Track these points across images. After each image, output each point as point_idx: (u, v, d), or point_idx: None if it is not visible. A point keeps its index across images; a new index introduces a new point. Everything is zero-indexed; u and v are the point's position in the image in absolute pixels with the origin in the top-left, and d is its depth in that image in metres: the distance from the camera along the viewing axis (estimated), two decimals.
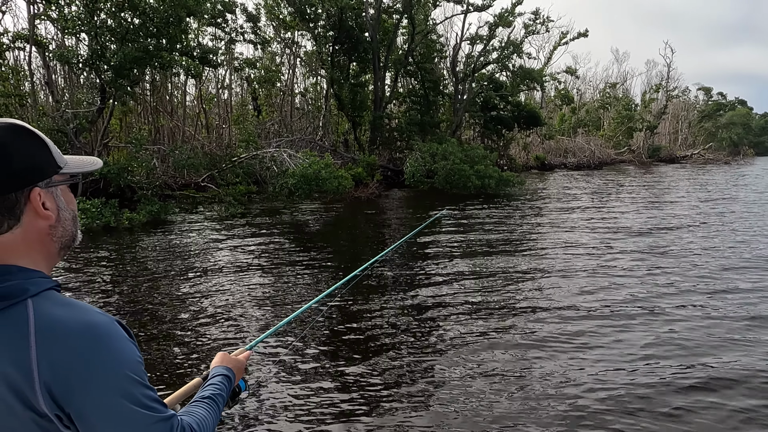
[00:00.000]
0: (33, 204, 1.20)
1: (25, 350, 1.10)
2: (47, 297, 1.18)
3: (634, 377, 5.90)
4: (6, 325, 1.12)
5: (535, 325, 7.52)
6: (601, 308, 8.27)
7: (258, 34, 29.89)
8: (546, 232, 15.58)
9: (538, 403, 5.36)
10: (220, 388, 1.70)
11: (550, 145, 54.91)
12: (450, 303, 8.67)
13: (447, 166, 25.97)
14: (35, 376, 1.09)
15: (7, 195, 1.17)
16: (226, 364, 1.87)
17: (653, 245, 13.13)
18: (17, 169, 1.17)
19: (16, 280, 1.16)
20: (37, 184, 1.21)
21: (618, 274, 10.39)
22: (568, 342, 6.91)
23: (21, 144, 1.18)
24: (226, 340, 7.04)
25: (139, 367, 1.20)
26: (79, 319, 1.15)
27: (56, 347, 1.11)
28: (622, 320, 7.69)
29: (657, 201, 23.12)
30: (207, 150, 27.27)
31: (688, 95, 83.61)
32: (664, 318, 7.78)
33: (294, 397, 5.52)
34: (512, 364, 6.27)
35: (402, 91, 38.31)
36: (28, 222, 1.21)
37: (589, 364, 6.23)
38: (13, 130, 1.18)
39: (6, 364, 1.10)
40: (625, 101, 65.73)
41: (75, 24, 18.21)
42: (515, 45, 37.37)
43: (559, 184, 33.79)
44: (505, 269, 10.91)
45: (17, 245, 1.20)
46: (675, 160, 65.61)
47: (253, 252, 12.86)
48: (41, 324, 1.12)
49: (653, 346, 6.73)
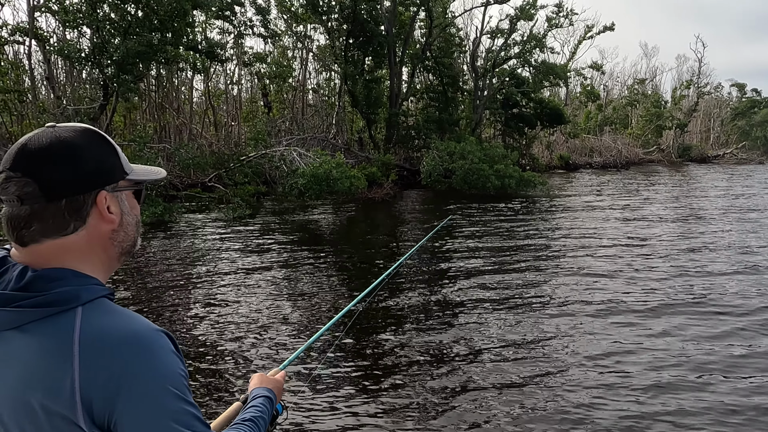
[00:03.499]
0: (99, 207, 1.25)
1: (68, 360, 1.11)
2: (98, 305, 1.20)
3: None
4: (52, 334, 1.14)
5: (566, 337, 7.42)
6: (638, 322, 8.08)
7: (268, 28, 29.67)
8: (570, 237, 15.11)
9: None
10: (262, 410, 1.73)
11: (575, 144, 54.19)
12: (476, 309, 8.70)
13: (465, 166, 25.55)
14: (76, 387, 1.10)
15: (76, 196, 1.21)
16: (266, 385, 1.89)
17: (686, 265, 11.82)
18: (88, 172, 1.22)
19: (69, 286, 1.18)
20: (104, 188, 1.26)
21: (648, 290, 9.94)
22: (606, 357, 6.83)
23: (93, 147, 1.25)
24: (251, 357, 6.89)
25: (182, 381, 1.19)
26: (122, 327, 1.17)
27: (98, 358, 1.12)
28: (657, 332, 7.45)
29: (692, 208, 22.34)
30: (215, 148, 27.17)
31: (721, 92, 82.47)
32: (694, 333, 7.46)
33: (328, 417, 5.47)
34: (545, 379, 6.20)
35: (419, 87, 37.92)
36: (93, 225, 1.25)
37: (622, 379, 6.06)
38: (87, 134, 1.25)
39: (47, 373, 1.12)
40: (654, 98, 64.71)
41: (76, 17, 18.13)
42: (537, 39, 36.80)
43: (583, 185, 33.14)
44: (526, 279, 10.58)
45: (80, 247, 1.24)
46: (706, 159, 64.51)
47: (263, 257, 12.65)
48: (87, 333, 1.13)
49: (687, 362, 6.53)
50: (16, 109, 20.90)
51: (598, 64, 54.66)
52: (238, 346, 7.28)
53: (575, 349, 7.10)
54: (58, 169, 1.19)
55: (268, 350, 7.11)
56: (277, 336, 7.64)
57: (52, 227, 1.21)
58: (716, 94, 79.96)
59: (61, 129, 1.23)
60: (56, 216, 1.20)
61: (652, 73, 76.45)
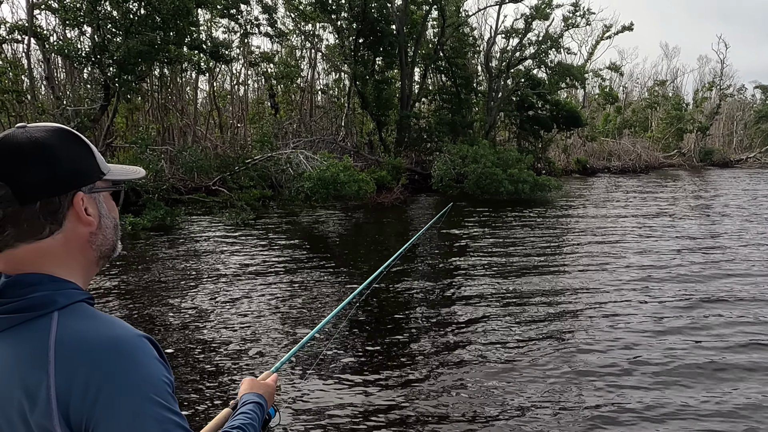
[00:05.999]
0: (76, 209, 1.23)
1: (43, 366, 1.09)
2: (75, 310, 1.17)
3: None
4: (27, 340, 1.12)
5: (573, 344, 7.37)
6: (650, 331, 7.98)
7: (275, 27, 29.58)
8: (585, 244, 14.81)
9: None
10: (252, 417, 1.69)
11: (593, 148, 53.80)
12: (475, 309, 8.93)
13: (478, 170, 25.28)
14: (52, 394, 1.07)
15: (51, 198, 1.19)
16: (257, 390, 1.86)
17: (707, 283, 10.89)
18: (63, 172, 1.20)
19: (45, 291, 1.16)
20: (80, 189, 1.23)
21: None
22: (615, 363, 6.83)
23: (67, 147, 1.23)
24: (244, 361, 6.94)
25: (166, 389, 1.16)
26: (102, 333, 1.14)
27: (76, 364, 1.09)
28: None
29: (717, 218, 21.81)
30: (220, 151, 27.10)
31: (744, 94, 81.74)
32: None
33: (321, 419, 5.53)
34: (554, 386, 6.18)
35: (431, 89, 37.80)
36: (70, 228, 1.23)
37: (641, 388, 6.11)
38: (60, 134, 1.23)
39: (23, 381, 1.10)
40: (675, 100, 64.16)
41: (77, 15, 18.06)
42: (553, 39, 36.59)
43: (601, 190, 32.66)
44: (535, 284, 10.52)
45: (56, 251, 1.21)
46: (729, 164, 63.86)
47: (262, 262, 12.69)
48: (63, 339, 1.11)
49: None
50: (15, 109, 20.81)
51: (616, 65, 54.32)
52: (229, 350, 7.30)
53: (590, 344, 7.32)
54: (32, 170, 1.16)
55: (260, 354, 7.15)
56: (271, 340, 7.71)
57: (27, 231, 1.18)
58: (739, 96, 79.16)
59: (32, 129, 1.20)
60: (31, 219, 1.18)
61: (672, 74, 76.00)
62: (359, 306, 8.74)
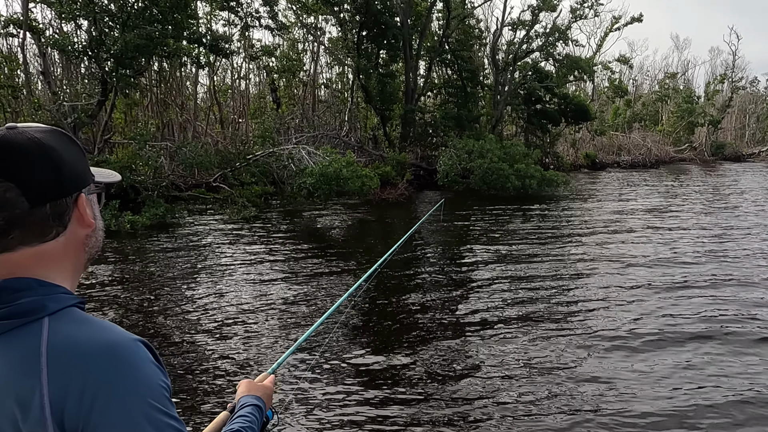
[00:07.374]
0: (80, 210, 1.23)
1: (35, 374, 1.07)
2: (66, 315, 1.15)
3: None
4: (18, 346, 1.10)
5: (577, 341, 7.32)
6: (658, 330, 7.92)
7: (276, 19, 29.41)
8: (592, 239, 14.72)
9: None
10: (250, 420, 1.69)
11: (602, 142, 53.55)
12: (475, 309, 8.98)
13: (484, 165, 25.14)
14: (45, 402, 1.05)
15: (60, 200, 1.19)
16: (254, 393, 1.85)
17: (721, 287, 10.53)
18: (69, 173, 1.20)
19: (33, 296, 1.14)
20: (82, 191, 1.24)
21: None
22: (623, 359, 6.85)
23: (67, 149, 1.21)
24: (243, 361, 6.94)
25: (164, 393, 1.14)
26: (96, 338, 1.12)
27: (69, 370, 1.07)
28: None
29: (731, 214, 21.24)
30: (220, 146, 26.99)
31: (757, 86, 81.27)
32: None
33: (320, 419, 5.54)
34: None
35: (437, 82, 37.62)
36: (72, 230, 1.23)
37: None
38: (58, 135, 1.21)
39: (15, 389, 1.08)
40: (686, 93, 63.82)
41: (72, 8, 17.95)
42: (561, 31, 36.43)
43: (610, 186, 32.51)
44: (540, 285, 10.37)
45: (56, 254, 1.21)
46: (741, 158, 63.58)
47: (265, 261, 12.64)
48: (55, 345, 1.09)
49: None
50: (10, 105, 20.74)
51: (625, 57, 54.14)
52: (227, 351, 7.28)
53: (595, 340, 7.41)
54: (39, 171, 1.15)
55: (261, 352, 7.18)
56: (273, 338, 7.75)
57: (34, 234, 1.17)
58: (752, 88, 78.47)
59: (30, 130, 1.18)
60: (40, 222, 1.17)
61: (683, 66, 75.57)
62: (356, 305, 8.73)
